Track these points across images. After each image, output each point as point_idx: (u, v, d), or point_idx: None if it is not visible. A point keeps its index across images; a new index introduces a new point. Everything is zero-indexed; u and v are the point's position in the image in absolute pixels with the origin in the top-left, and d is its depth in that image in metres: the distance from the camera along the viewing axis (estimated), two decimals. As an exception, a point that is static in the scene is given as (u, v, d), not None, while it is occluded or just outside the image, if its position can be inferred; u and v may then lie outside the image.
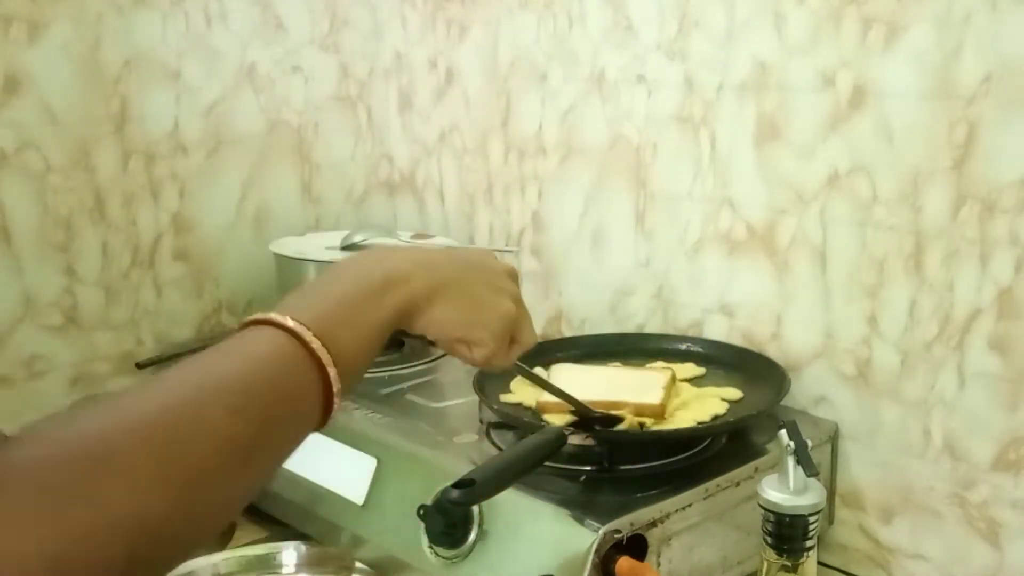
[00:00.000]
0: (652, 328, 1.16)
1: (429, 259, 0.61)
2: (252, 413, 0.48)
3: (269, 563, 0.97)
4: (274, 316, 0.52)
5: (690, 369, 1.04)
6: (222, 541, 1.04)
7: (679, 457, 0.90)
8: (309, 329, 0.51)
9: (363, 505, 0.95)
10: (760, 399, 0.96)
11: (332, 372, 0.52)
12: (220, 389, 0.48)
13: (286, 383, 0.51)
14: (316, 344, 0.51)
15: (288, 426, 0.51)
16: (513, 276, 0.68)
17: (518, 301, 0.66)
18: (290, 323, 0.51)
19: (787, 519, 0.72)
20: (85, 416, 0.46)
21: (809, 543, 0.73)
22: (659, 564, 0.82)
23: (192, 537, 0.46)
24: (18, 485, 0.40)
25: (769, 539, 0.73)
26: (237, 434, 0.47)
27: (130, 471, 0.43)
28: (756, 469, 0.89)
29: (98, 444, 0.43)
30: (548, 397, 0.90)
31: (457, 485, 0.75)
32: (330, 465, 0.99)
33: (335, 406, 0.53)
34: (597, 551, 0.77)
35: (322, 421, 0.54)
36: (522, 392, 0.98)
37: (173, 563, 0.45)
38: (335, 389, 0.53)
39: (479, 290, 0.63)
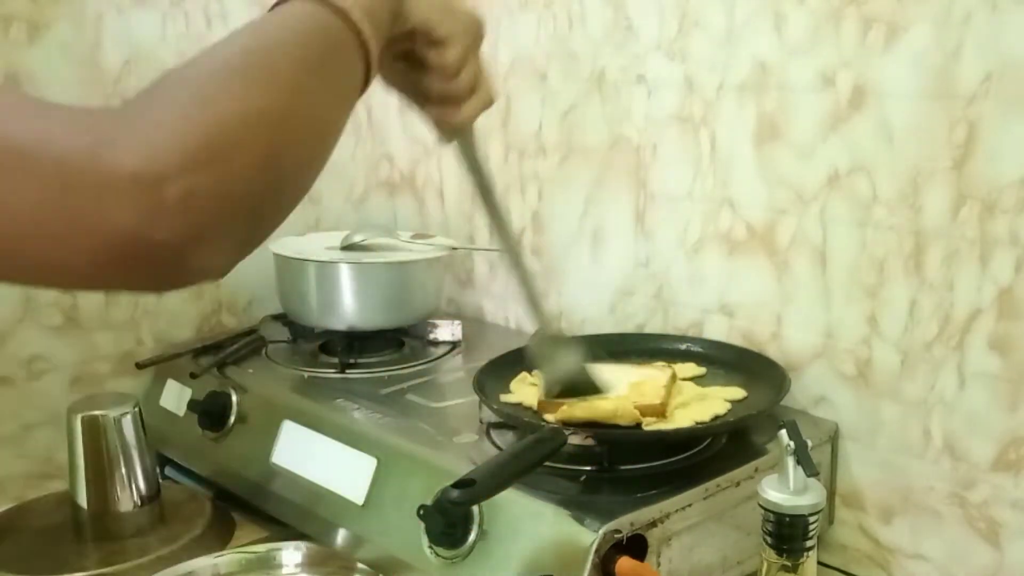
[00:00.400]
0: (652, 328, 1.16)
1: None
2: (311, 47, 0.56)
3: (269, 563, 0.97)
4: None
5: (690, 369, 1.04)
6: (222, 541, 1.04)
7: (679, 457, 0.90)
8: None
9: (363, 505, 0.95)
10: (760, 399, 0.96)
11: (371, 42, 0.59)
12: (286, 29, 0.56)
13: (332, 33, 0.58)
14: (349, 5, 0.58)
15: (340, 65, 0.58)
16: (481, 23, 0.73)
17: (479, 27, 0.71)
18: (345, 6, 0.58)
19: (787, 519, 0.72)
20: (186, 63, 0.55)
21: (809, 543, 0.73)
22: (659, 564, 0.82)
23: (308, 141, 0.54)
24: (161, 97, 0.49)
25: (769, 539, 0.73)
26: (303, 57, 0.55)
27: (230, 75, 0.51)
28: (756, 469, 0.89)
29: (202, 67, 0.53)
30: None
31: (457, 485, 0.75)
32: (330, 465, 0.99)
33: (374, 67, 0.60)
34: (597, 551, 0.77)
35: (365, 78, 0.60)
36: (522, 392, 0.98)
37: (302, 169, 0.54)
38: (371, 51, 0.59)
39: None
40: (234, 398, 1.12)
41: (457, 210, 1.38)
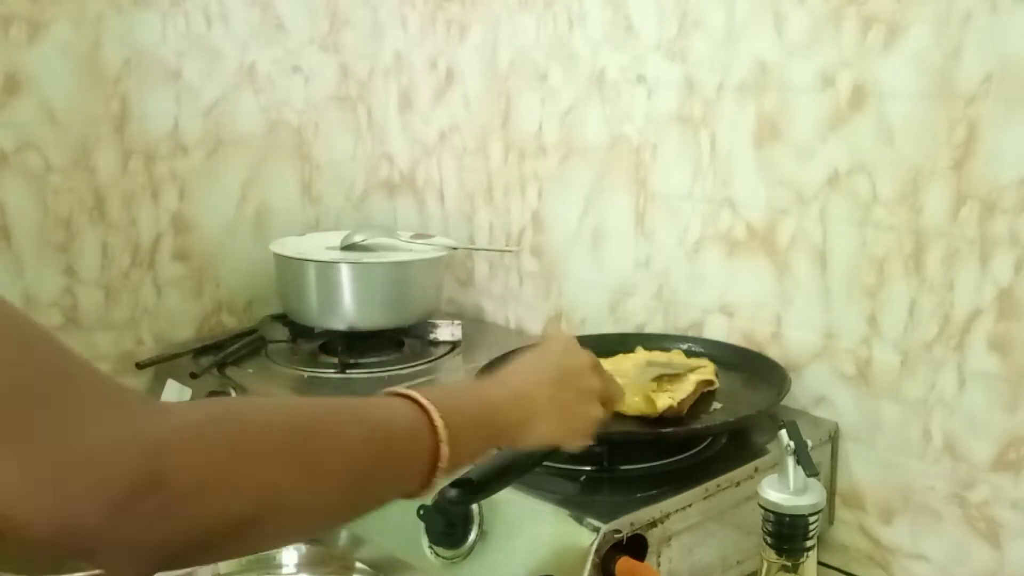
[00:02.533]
0: (652, 328, 1.16)
1: (534, 387, 0.71)
2: (375, 449, 0.58)
3: (269, 563, 0.97)
4: (412, 392, 0.62)
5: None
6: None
7: (679, 457, 0.90)
8: (439, 413, 0.61)
9: (363, 505, 0.95)
10: (760, 399, 0.96)
11: (445, 451, 0.60)
12: (358, 421, 0.58)
13: (409, 443, 0.60)
14: (440, 424, 0.60)
15: (394, 478, 0.60)
16: (596, 367, 0.76)
17: (601, 393, 0.75)
18: (423, 400, 0.61)
19: (787, 519, 0.72)
20: (248, 402, 0.58)
21: (809, 543, 0.73)
22: (659, 564, 0.82)
23: (294, 525, 0.55)
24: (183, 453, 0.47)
25: (769, 539, 0.73)
26: (359, 456, 0.57)
27: (276, 447, 0.51)
28: (756, 469, 0.89)
29: (252, 421, 0.52)
30: None
31: (456, 484, 0.75)
32: (330, 465, 0.99)
33: (436, 479, 0.61)
34: (597, 551, 0.77)
35: (420, 489, 0.62)
36: None
37: (273, 538, 0.55)
38: (441, 463, 0.61)
39: (570, 410, 0.72)
40: (234, 398, 1.12)
41: (457, 210, 1.38)
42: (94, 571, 0.49)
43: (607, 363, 1.01)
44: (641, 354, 1.05)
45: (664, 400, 0.90)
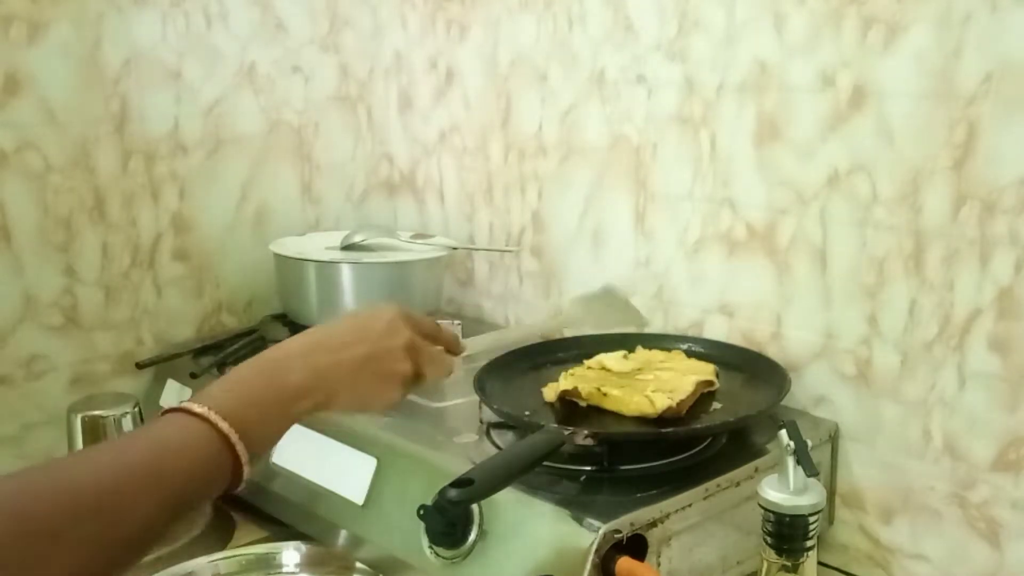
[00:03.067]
0: (652, 328, 1.16)
1: (337, 363, 0.73)
2: (170, 495, 0.59)
3: (269, 563, 0.97)
4: (195, 407, 0.62)
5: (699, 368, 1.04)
6: (222, 541, 1.04)
7: (679, 457, 0.90)
8: (235, 431, 0.62)
9: (363, 505, 0.95)
10: (760, 399, 0.96)
11: (245, 459, 0.63)
12: (148, 475, 0.58)
13: (210, 472, 0.62)
14: (235, 439, 0.62)
15: (200, 498, 0.63)
16: (409, 349, 0.77)
17: (406, 377, 0.77)
18: (212, 416, 0.62)
19: (787, 519, 0.72)
20: (27, 485, 0.56)
21: (809, 543, 0.73)
22: (659, 564, 0.82)
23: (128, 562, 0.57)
24: None
25: (769, 539, 0.73)
26: (159, 511, 0.58)
27: (72, 542, 0.52)
28: (756, 469, 0.89)
29: (41, 520, 0.52)
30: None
31: (455, 484, 0.75)
32: (330, 465, 0.99)
33: (244, 478, 0.64)
34: (597, 551, 0.77)
35: (230, 491, 0.64)
36: (551, 392, 0.98)
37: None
38: (244, 470, 0.63)
39: (367, 388, 0.75)
40: (234, 398, 1.12)
41: (457, 210, 1.38)
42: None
43: (607, 358, 1.02)
44: (636, 355, 1.05)
45: (663, 400, 0.90)
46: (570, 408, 0.95)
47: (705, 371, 0.99)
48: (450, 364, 0.83)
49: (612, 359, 1.02)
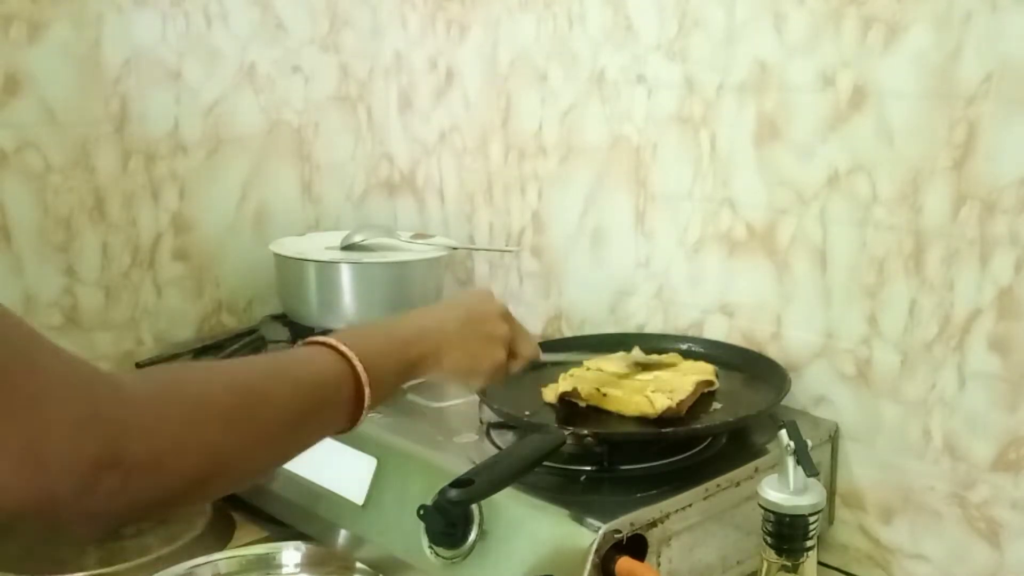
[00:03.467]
0: (652, 328, 1.16)
1: (441, 322, 0.78)
2: (304, 403, 0.64)
3: (269, 563, 0.97)
4: (332, 340, 0.67)
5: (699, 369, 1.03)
6: (222, 541, 1.04)
7: (679, 457, 0.90)
8: (360, 360, 0.67)
9: (363, 505, 0.95)
10: (760, 399, 0.96)
11: (367, 392, 0.67)
12: (287, 379, 0.64)
13: (335, 391, 0.66)
14: (361, 369, 0.66)
15: (323, 423, 0.67)
16: (506, 316, 0.84)
17: (507, 340, 0.82)
18: (343, 347, 0.67)
19: (787, 519, 0.72)
20: (191, 371, 0.67)
21: (809, 543, 0.73)
22: (659, 564, 0.82)
23: (238, 479, 0.62)
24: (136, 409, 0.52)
25: (769, 539, 0.73)
26: (291, 412, 0.63)
27: (220, 417, 0.57)
28: (756, 469, 0.89)
29: (195, 390, 0.58)
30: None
31: (455, 484, 0.75)
32: (330, 465, 0.99)
33: (362, 417, 0.68)
34: (597, 551, 0.77)
35: (349, 427, 0.68)
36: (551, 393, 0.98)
37: (224, 489, 0.61)
38: (366, 403, 0.67)
39: (476, 347, 0.79)
40: (234, 398, 1.12)
41: (457, 210, 1.38)
42: (92, 572, 0.53)
43: (599, 361, 1.02)
44: (628, 355, 1.05)
45: (662, 401, 0.90)
46: (570, 408, 0.95)
47: (705, 371, 0.99)
48: (537, 348, 0.86)
49: (611, 361, 1.02)
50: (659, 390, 0.92)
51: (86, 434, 0.49)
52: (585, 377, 0.98)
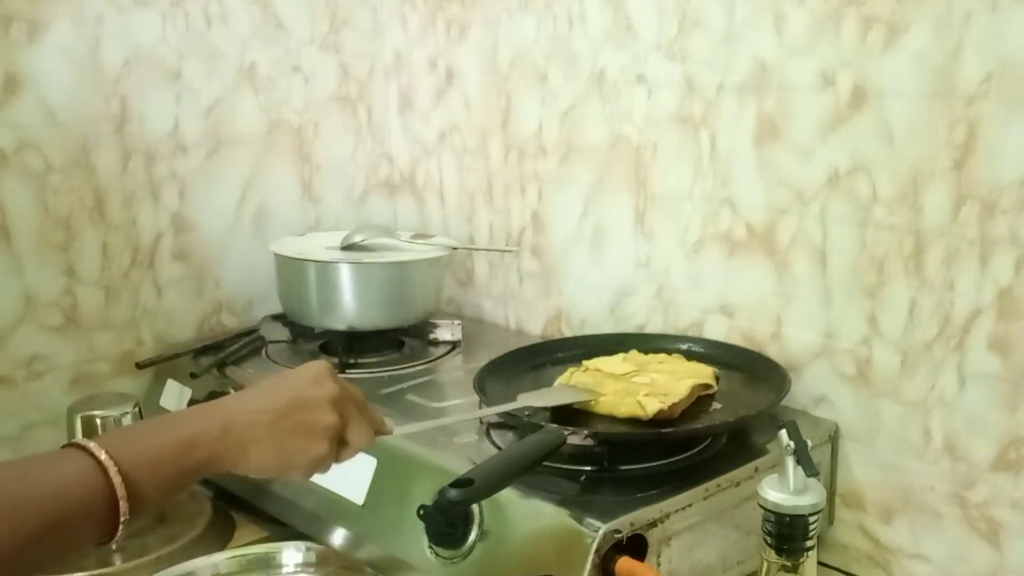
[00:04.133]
0: (652, 328, 1.16)
1: (246, 417, 0.68)
2: (42, 523, 0.57)
3: (269, 563, 0.97)
4: (92, 447, 0.60)
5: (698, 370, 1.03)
6: (222, 541, 1.04)
7: (679, 457, 0.90)
8: (118, 469, 0.60)
9: (363, 505, 0.95)
10: (760, 399, 0.96)
11: (124, 507, 0.60)
12: (15, 507, 0.57)
13: (80, 512, 0.59)
14: (118, 481, 0.60)
15: (71, 539, 0.60)
16: (336, 401, 0.71)
17: (335, 429, 0.71)
18: (104, 459, 0.60)
19: (787, 519, 0.72)
20: None
21: (809, 543, 0.73)
22: (659, 564, 0.82)
23: None
24: None
25: (769, 539, 0.73)
26: (22, 535, 0.57)
27: None
28: (756, 469, 0.89)
29: None
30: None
31: (456, 484, 0.75)
32: (330, 465, 0.99)
33: (118, 535, 0.61)
34: (597, 551, 0.77)
35: (107, 541, 0.62)
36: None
37: None
38: (121, 518, 0.60)
39: (288, 442, 0.69)
40: (234, 398, 1.12)
41: (457, 210, 1.38)
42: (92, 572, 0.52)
43: (604, 361, 1.02)
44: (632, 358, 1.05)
45: (654, 404, 0.90)
46: (569, 409, 0.95)
47: (704, 374, 0.99)
48: (372, 436, 0.75)
49: (610, 362, 1.02)
50: (652, 394, 0.92)
51: None
52: (582, 379, 0.98)
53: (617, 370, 1.00)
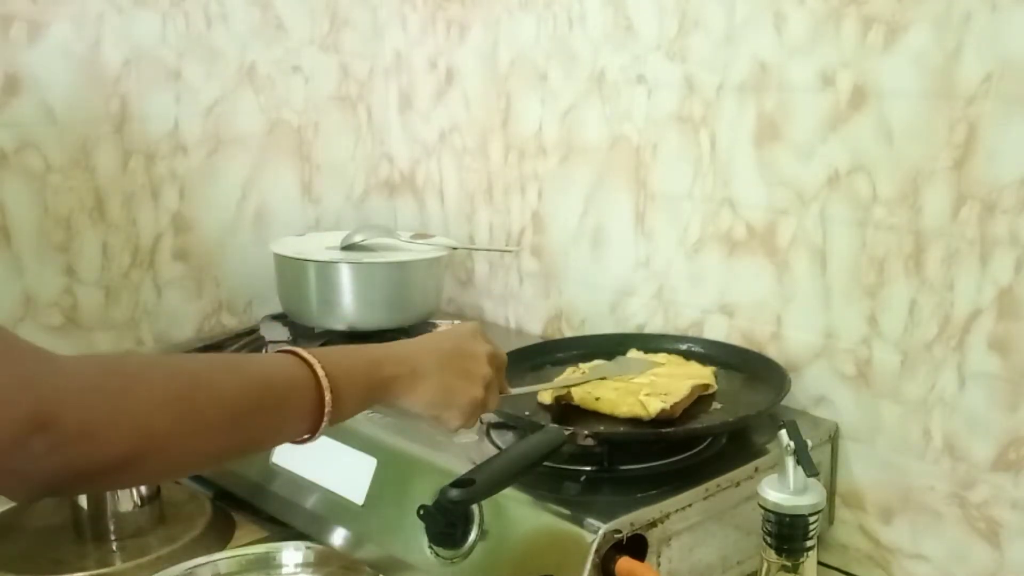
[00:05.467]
0: (652, 328, 1.16)
1: (419, 353, 0.77)
2: (252, 397, 0.63)
3: (269, 563, 0.97)
4: (298, 348, 0.67)
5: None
6: (222, 541, 1.04)
7: (679, 457, 0.90)
8: (322, 366, 0.66)
9: (363, 505, 0.95)
10: (760, 399, 0.96)
11: (328, 397, 0.66)
12: (237, 373, 0.64)
13: (290, 391, 0.66)
14: (322, 374, 0.66)
15: (276, 424, 0.66)
16: (492, 358, 0.80)
17: (488, 381, 0.79)
18: (306, 355, 0.67)
19: (787, 519, 0.72)
20: (136, 355, 0.64)
21: (809, 543, 0.73)
22: (659, 564, 0.82)
23: (176, 464, 0.62)
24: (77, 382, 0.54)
25: (769, 539, 0.73)
26: (234, 404, 0.62)
27: (156, 396, 0.58)
28: (756, 469, 0.89)
29: (134, 370, 0.59)
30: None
31: (456, 484, 0.75)
32: (330, 465, 0.99)
33: (321, 428, 0.67)
34: (597, 551, 0.77)
35: (308, 435, 0.68)
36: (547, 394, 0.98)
37: (158, 474, 0.65)
38: (326, 410, 0.66)
39: (452, 381, 0.76)
40: (234, 398, 1.12)
41: (457, 210, 1.38)
42: (92, 572, 0.53)
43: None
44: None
45: (656, 404, 0.90)
46: (570, 408, 0.95)
47: (702, 375, 0.99)
48: (499, 398, 0.83)
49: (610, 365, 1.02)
50: (653, 393, 0.92)
51: (19, 395, 0.51)
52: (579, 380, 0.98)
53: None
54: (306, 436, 0.68)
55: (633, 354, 1.06)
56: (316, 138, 1.39)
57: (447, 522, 0.85)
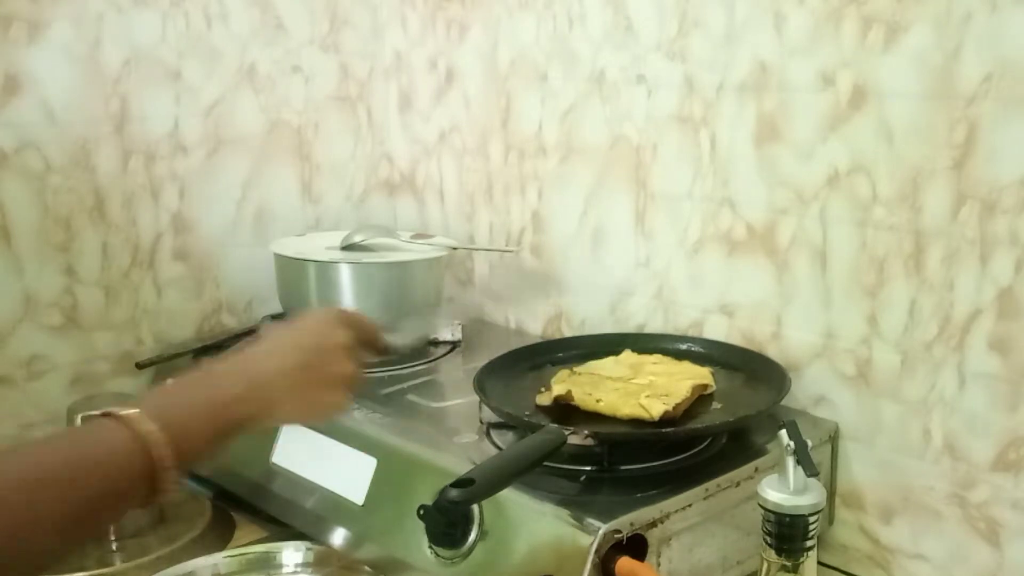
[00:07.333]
0: (652, 328, 1.16)
1: (267, 377, 0.71)
2: (88, 496, 0.59)
3: (269, 563, 0.97)
4: (127, 414, 0.62)
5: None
6: (222, 541, 1.04)
7: (679, 457, 0.90)
8: (149, 421, 0.62)
9: (363, 505, 0.95)
10: (760, 399, 0.96)
11: (171, 475, 0.62)
12: (58, 480, 0.59)
13: (118, 475, 0.61)
14: (153, 436, 0.61)
15: (111, 508, 0.62)
16: (349, 350, 0.77)
17: (350, 376, 0.77)
18: (141, 427, 0.61)
19: (787, 519, 0.72)
20: None
21: (809, 543, 0.73)
22: (659, 564, 0.82)
23: (18, 564, 0.57)
24: None
25: (769, 539, 0.73)
26: (72, 505, 0.58)
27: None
28: (756, 469, 0.89)
29: None
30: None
31: (456, 484, 0.75)
32: (330, 465, 0.99)
33: (166, 484, 0.62)
34: (597, 551, 0.77)
35: (148, 502, 0.63)
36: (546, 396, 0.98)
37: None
38: (166, 473, 0.62)
39: (312, 394, 0.74)
40: (234, 398, 1.11)
41: (457, 210, 1.38)
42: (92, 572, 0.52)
43: (596, 365, 1.02)
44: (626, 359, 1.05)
45: (658, 407, 0.90)
46: (569, 408, 0.95)
47: (701, 374, 0.99)
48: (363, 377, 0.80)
49: (602, 366, 1.02)
50: (654, 395, 0.92)
51: None
52: (578, 381, 0.98)
53: (612, 373, 1.00)
54: (143, 504, 0.63)
55: (627, 355, 1.06)
56: (316, 138, 1.39)
57: (447, 522, 0.84)
